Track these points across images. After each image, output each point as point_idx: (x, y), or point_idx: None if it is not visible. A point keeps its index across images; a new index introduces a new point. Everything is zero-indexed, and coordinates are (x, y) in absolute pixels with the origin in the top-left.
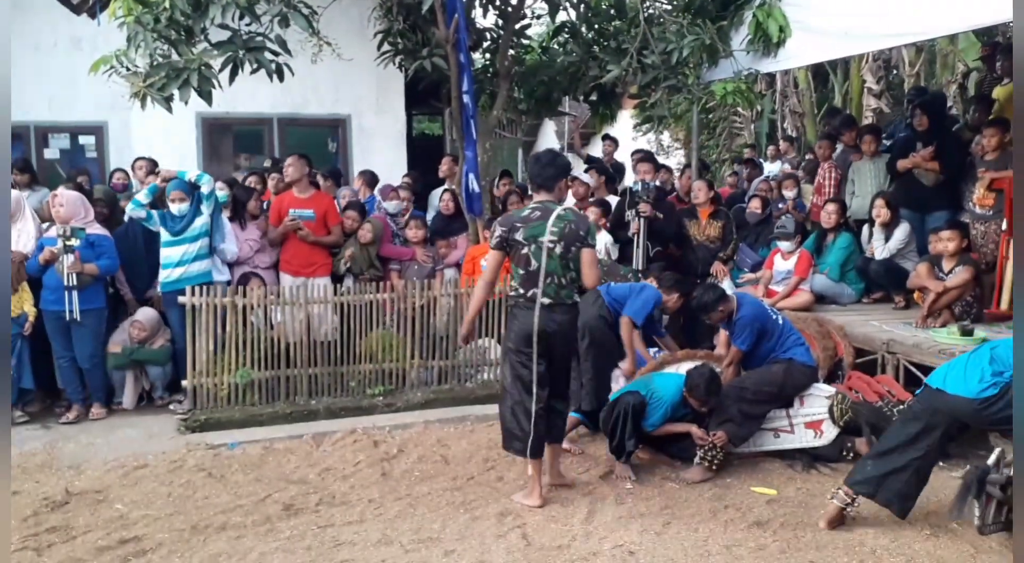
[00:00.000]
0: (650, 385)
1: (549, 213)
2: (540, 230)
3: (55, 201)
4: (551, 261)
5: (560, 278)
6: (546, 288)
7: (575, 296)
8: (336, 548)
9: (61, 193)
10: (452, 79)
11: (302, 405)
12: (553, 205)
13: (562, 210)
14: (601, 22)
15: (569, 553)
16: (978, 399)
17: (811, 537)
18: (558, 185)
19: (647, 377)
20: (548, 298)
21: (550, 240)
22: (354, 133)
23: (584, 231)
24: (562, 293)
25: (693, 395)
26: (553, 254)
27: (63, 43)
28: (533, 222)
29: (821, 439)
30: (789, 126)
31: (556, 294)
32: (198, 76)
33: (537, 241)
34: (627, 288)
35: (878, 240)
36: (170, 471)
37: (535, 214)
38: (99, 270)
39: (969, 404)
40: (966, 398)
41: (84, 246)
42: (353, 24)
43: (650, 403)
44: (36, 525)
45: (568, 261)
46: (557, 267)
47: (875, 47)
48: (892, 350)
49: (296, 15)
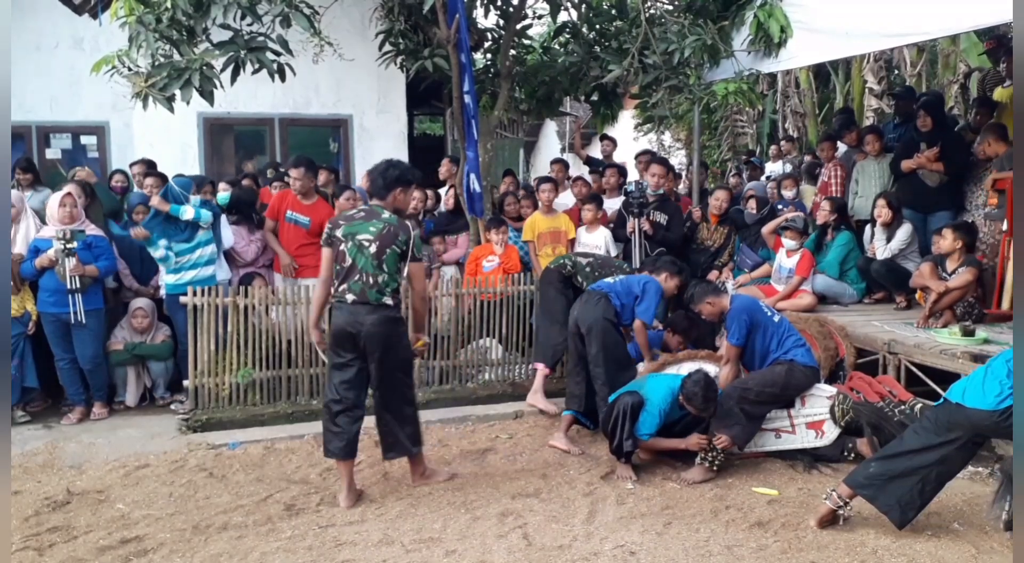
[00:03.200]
0: (644, 388)
1: (374, 215)
2: (360, 229)
3: (67, 200)
4: (363, 258)
5: (370, 277)
6: (352, 285)
7: (385, 298)
8: (337, 548)
9: (74, 191)
10: (453, 79)
11: (303, 405)
12: (381, 209)
13: (387, 214)
14: (602, 22)
15: (570, 553)
16: (998, 411)
17: (812, 538)
18: (391, 194)
19: (641, 379)
20: (353, 295)
21: (365, 239)
22: (355, 133)
23: (403, 238)
24: (368, 293)
25: (691, 405)
26: (367, 252)
27: (65, 43)
28: (355, 220)
29: (822, 439)
30: (791, 126)
31: (361, 292)
32: (200, 76)
33: (355, 238)
34: (629, 285)
35: (879, 240)
36: (172, 471)
37: (359, 214)
38: (99, 272)
39: (989, 417)
40: (986, 411)
41: (82, 248)
42: (354, 24)
43: (643, 410)
44: (38, 525)
45: (382, 262)
46: (368, 265)
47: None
48: (893, 350)
49: (298, 15)
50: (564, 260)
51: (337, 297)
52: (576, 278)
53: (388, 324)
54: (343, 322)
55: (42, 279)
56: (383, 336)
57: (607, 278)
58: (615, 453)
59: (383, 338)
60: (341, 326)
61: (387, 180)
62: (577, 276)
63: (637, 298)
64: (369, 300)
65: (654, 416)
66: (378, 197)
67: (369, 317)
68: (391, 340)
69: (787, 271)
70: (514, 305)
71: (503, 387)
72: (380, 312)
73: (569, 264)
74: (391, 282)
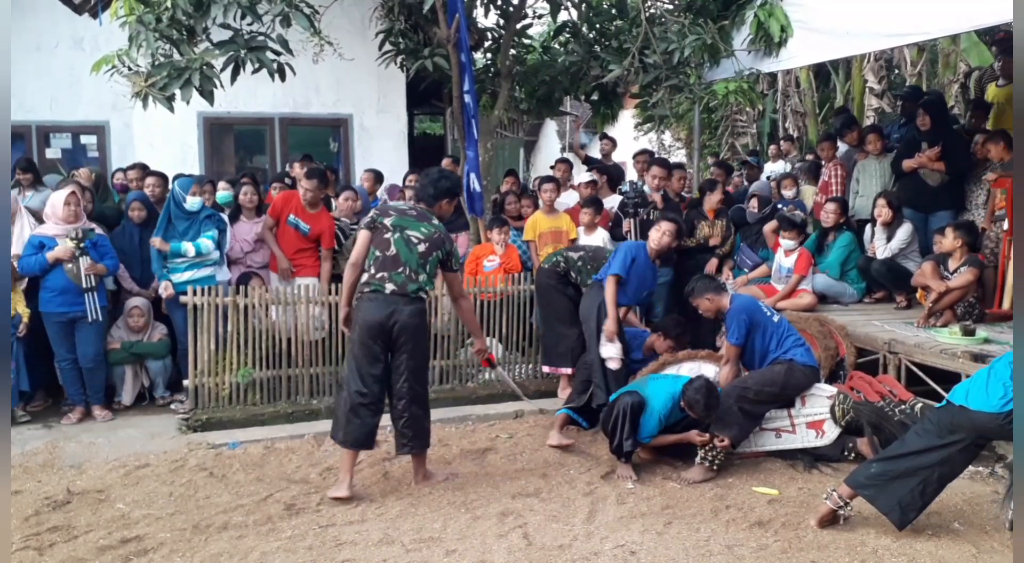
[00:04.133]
0: (645, 390)
1: (425, 217)
2: (411, 224)
3: (72, 199)
4: (410, 254)
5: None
6: (394, 275)
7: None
8: (338, 548)
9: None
10: (453, 79)
11: (303, 405)
12: (430, 214)
13: (436, 220)
14: (602, 22)
15: (570, 553)
16: (1002, 413)
17: (813, 537)
18: (438, 203)
19: (643, 380)
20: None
21: (415, 236)
22: (356, 133)
23: (447, 246)
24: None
25: (693, 411)
26: (415, 249)
27: (65, 43)
28: (405, 214)
29: (823, 439)
30: (791, 126)
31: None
32: (200, 76)
33: (404, 232)
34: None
35: (880, 240)
36: (172, 471)
37: (411, 211)
38: (108, 270)
39: (994, 419)
40: (990, 413)
41: (89, 245)
42: (354, 24)
43: (643, 412)
44: (38, 524)
45: (424, 261)
46: (414, 261)
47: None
48: (894, 350)
49: (298, 15)
50: (556, 257)
51: (373, 285)
52: (571, 274)
53: (422, 316)
54: (380, 314)
55: (46, 278)
56: (417, 327)
57: None
58: (615, 453)
59: (417, 329)
60: (377, 318)
61: (438, 190)
62: (571, 272)
63: None
64: (408, 292)
65: (654, 421)
66: (426, 203)
67: (407, 308)
68: (423, 333)
69: (786, 270)
70: (515, 305)
71: (503, 387)
72: (416, 304)
73: (561, 261)
74: (428, 283)
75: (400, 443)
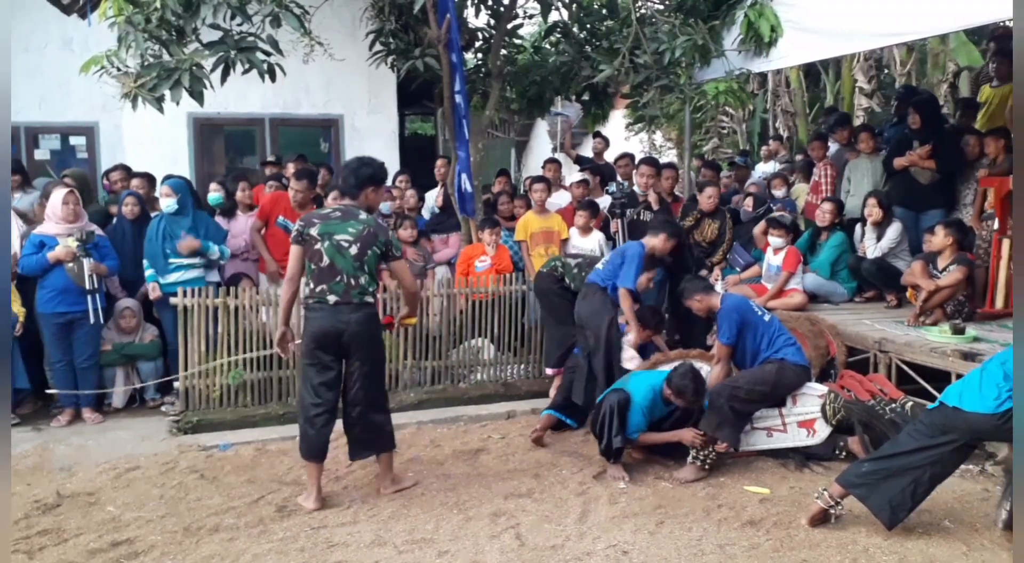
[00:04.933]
0: (627, 386)
1: (350, 215)
2: (338, 229)
3: (70, 198)
4: (343, 260)
5: (352, 279)
6: (333, 286)
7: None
8: (330, 549)
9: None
10: (444, 79)
11: (294, 406)
12: (356, 210)
13: (363, 214)
14: (593, 22)
15: (563, 553)
16: (997, 414)
17: (804, 536)
18: (362, 193)
19: (625, 378)
20: (335, 296)
21: (345, 240)
22: (346, 133)
23: (382, 240)
24: (352, 294)
25: (682, 398)
26: (347, 253)
27: (54, 43)
28: (330, 220)
29: (814, 438)
30: (781, 126)
31: (344, 293)
32: (189, 76)
33: (332, 239)
34: (613, 262)
35: (870, 239)
36: (162, 473)
37: (335, 213)
38: (109, 270)
39: (989, 420)
40: (985, 414)
41: (91, 248)
42: (345, 24)
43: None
44: (27, 528)
45: (361, 264)
46: (349, 267)
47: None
48: (884, 349)
49: (288, 15)
50: (555, 262)
51: (315, 298)
52: (564, 280)
53: (371, 321)
54: (327, 324)
55: (45, 278)
56: (368, 333)
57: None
58: (604, 454)
59: (368, 336)
60: (324, 328)
61: (360, 178)
62: (565, 278)
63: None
64: (352, 300)
65: (638, 414)
66: (349, 196)
67: (354, 316)
68: (375, 338)
69: (776, 269)
70: (506, 305)
71: (495, 387)
72: (363, 310)
73: (559, 266)
74: (372, 283)
75: (355, 449)
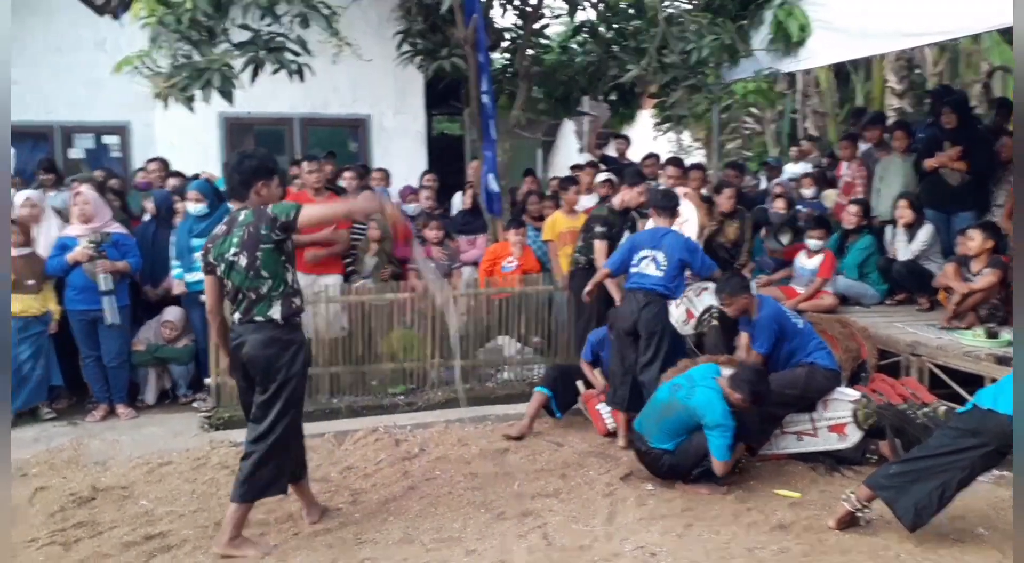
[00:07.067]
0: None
1: (233, 223)
2: (226, 246)
3: (77, 199)
4: (238, 276)
5: (253, 293)
6: (239, 305)
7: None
8: (358, 546)
9: (84, 191)
10: (471, 79)
11: (324, 403)
12: (239, 213)
13: (243, 215)
14: (620, 21)
15: (591, 554)
16: None
17: (835, 541)
18: (253, 190)
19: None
20: (239, 314)
21: (233, 254)
22: (374, 133)
23: (266, 227)
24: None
25: (756, 402)
26: (238, 268)
27: (87, 44)
28: (219, 239)
29: (844, 442)
30: (811, 126)
31: (247, 310)
32: (220, 76)
33: (225, 258)
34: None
35: (901, 241)
36: (194, 468)
37: (222, 229)
38: (130, 268)
39: None
40: None
41: (108, 246)
42: (372, 25)
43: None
44: (63, 520)
45: (256, 271)
46: (246, 281)
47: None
48: (917, 352)
49: (316, 15)
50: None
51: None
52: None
53: (270, 345)
54: (236, 344)
55: (70, 277)
56: (262, 358)
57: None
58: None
59: (264, 360)
60: (234, 350)
61: (244, 174)
62: None
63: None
64: (253, 318)
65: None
66: (238, 198)
67: (251, 337)
68: (271, 362)
69: (808, 273)
70: (532, 305)
71: (521, 387)
72: (262, 332)
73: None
74: (279, 285)
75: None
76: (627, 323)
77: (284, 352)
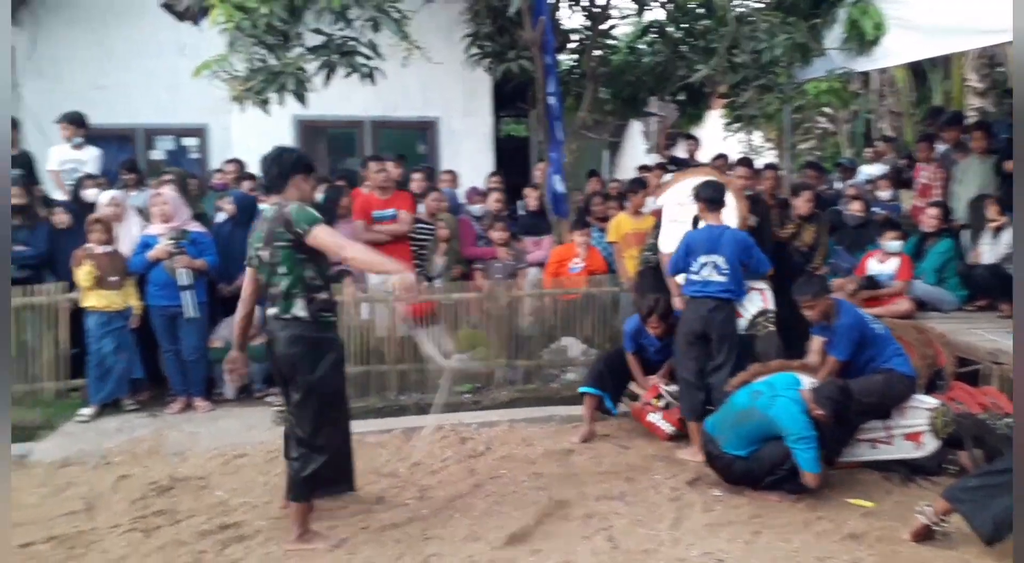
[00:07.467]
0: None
1: (264, 218)
2: (256, 241)
3: (157, 199)
4: (265, 270)
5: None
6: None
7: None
8: (425, 542)
9: (164, 192)
10: (538, 81)
11: (393, 400)
12: (270, 208)
13: (271, 211)
14: (689, 21)
15: (656, 558)
16: None
17: (910, 553)
18: (291, 183)
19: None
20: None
21: (259, 249)
22: (443, 135)
23: (281, 226)
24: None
25: (839, 420)
26: (263, 263)
27: (169, 49)
28: (254, 233)
29: (921, 451)
30: (886, 126)
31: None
32: (294, 80)
33: (257, 254)
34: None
35: (986, 244)
36: (267, 461)
37: (261, 224)
38: (208, 266)
39: None
40: None
41: (187, 244)
42: (441, 28)
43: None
44: (144, 508)
45: (273, 267)
46: (269, 275)
47: (977, 44)
48: (998, 360)
49: (387, 20)
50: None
51: None
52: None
53: (297, 343)
54: (267, 341)
55: (151, 274)
56: (293, 355)
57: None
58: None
59: (294, 358)
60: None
61: (283, 166)
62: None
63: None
64: (281, 314)
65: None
66: (276, 191)
67: (281, 334)
68: (301, 360)
69: (885, 277)
70: (597, 306)
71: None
72: (290, 329)
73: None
74: (296, 284)
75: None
76: (696, 326)
77: (310, 352)
